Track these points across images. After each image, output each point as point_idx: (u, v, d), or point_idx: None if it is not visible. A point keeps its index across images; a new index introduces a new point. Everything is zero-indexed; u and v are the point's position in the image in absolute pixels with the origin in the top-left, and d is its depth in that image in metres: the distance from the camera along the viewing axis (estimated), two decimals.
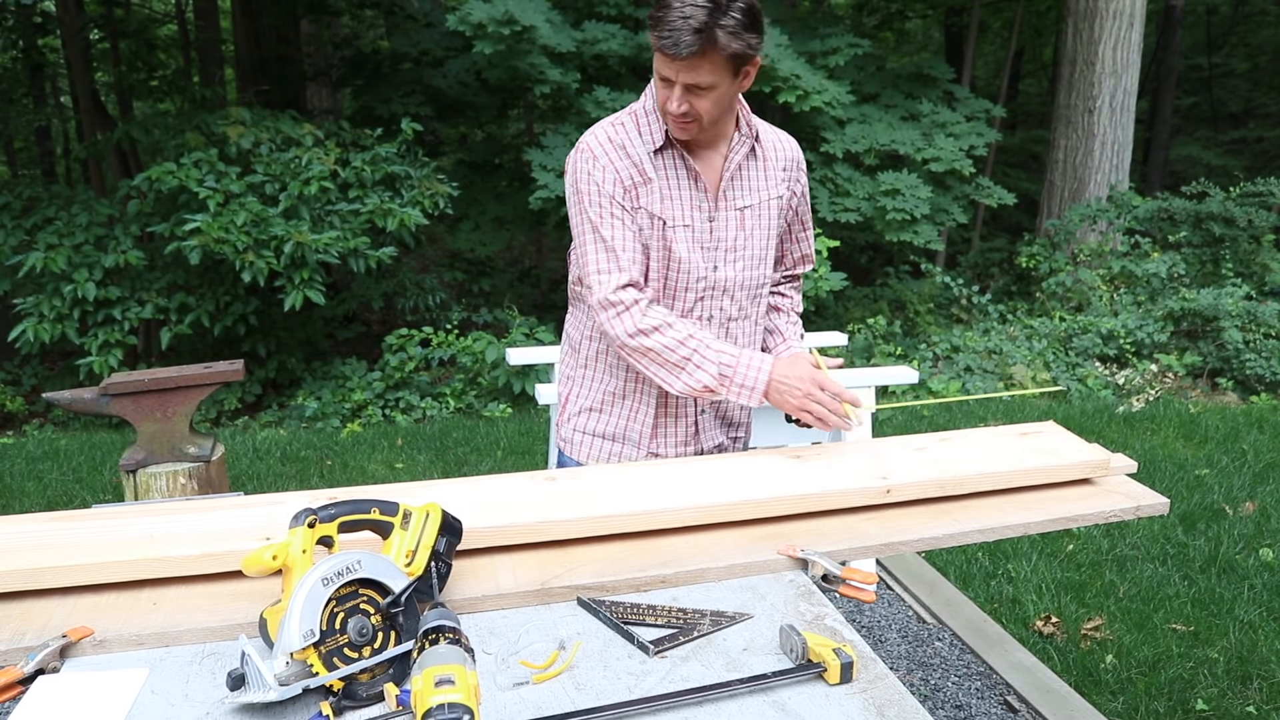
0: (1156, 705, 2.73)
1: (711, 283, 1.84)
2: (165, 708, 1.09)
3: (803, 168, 1.96)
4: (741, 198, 1.85)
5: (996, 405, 6.47)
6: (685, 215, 1.79)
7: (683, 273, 1.81)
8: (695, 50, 1.58)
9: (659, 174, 1.78)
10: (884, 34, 14.13)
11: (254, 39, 9.81)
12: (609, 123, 1.81)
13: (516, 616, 1.31)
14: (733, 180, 1.84)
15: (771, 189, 1.88)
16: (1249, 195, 8.53)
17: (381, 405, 6.73)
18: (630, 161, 1.77)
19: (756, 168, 1.87)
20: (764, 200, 1.87)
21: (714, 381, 1.72)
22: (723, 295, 1.86)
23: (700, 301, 1.84)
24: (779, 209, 1.90)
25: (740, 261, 1.85)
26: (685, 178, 1.80)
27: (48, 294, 6.14)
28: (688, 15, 1.57)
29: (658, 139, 1.77)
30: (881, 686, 1.13)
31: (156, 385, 2.46)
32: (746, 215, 1.85)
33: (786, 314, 2.07)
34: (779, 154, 1.90)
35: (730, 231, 1.83)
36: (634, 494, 1.58)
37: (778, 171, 1.89)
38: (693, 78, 1.63)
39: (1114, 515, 1.64)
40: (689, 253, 1.80)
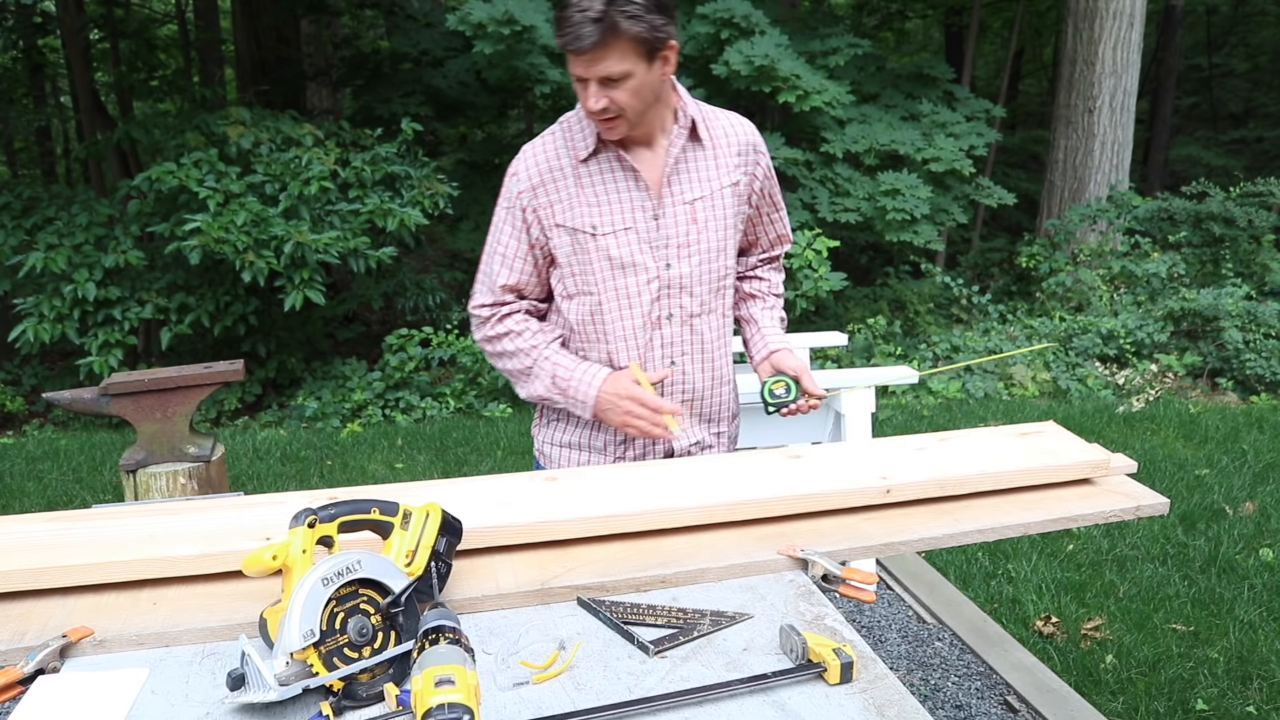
0: (1156, 705, 2.73)
1: (666, 281, 1.81)
2: (165, 708, 1.09)
3: (761, 149, 1.90)
4: (689, 190, 1.80)
5: (996, 405, 6.47)
6: (625, 218, 1.77)
7: (630, 277, 1.79)
8: (597, 40, 1.57)
9: (591, 181, 1.76)
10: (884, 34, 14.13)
11: (254, 39, 9.81)
12: (540, 137, 1.82)
13: (516, 616, 1.31)
14: (676, 173, 1.79)
15: (724, 177, 1.83)
16: (1249, 195, 8.53)
17: (381, 405, 6.74)
18: (552, 178, 1.77)
19: (704, 157, 1.82)
20: (716, 190, 1.82)
21: (551, 392, 1.80)
22: (680, 292, 1.82)
23: (656, 301, 1.81)
24: (735, 196, 1.85)
25: (696, 256, 1.82)
26: (623, 179, 1.77)
27: (48, 294, 6.14)
28: (585, 8, 1.56)
29: (589, 145, 1.75)
30: (881, 686, 1.13)
31: (156, 385, 2.46)
32: (697, 207, 1.81)
33: (763, 299, 2.03)
34: (731, 139, 1.85)
35: (680, 227, 1.80)
36: (634, 494, 1.58)
37: (730, 158, 1.84)
38: (603, 69, 1.61)
39: (1114, 515, 1.64)
40: (634, 256, 1.78)
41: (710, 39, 7.13)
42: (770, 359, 1.94)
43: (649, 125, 1.76)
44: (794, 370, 1.89)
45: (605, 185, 1.77)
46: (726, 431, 2.02)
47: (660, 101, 1.74)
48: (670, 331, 1.84)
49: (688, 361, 1.87)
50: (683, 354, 1.87)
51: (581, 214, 1.76)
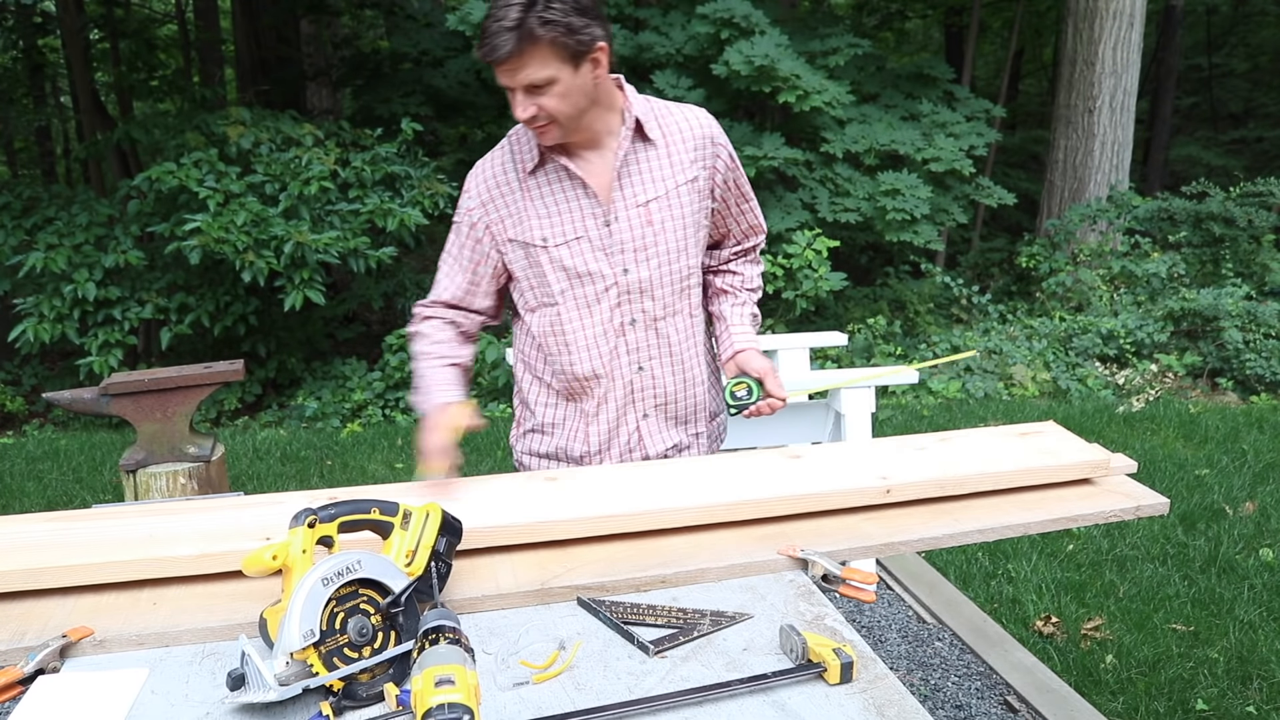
0: (1156, 705, 2.73)
1: (625, 287, 1.77)
2: (165, 708, 1.09)
3: (720, 141, 1.83)
4: (642, 191, 1.75)
5: (996, 405, 6.47)
6: (576, 226, 1.74)
7: (588, 285, 1.76)
8: (512, 48, 1.55)
9: (540, 193, 1.75)
10: (884, 34, 14.13)
11: (254, 39, 9.81)
12: (490, 153, 1.82)
13: (516, 616, 1.31)
14: (627, 175, 1.75)
15: (679, 174, 1.78)
16: (1249, 195, 8.53)
17: (381, 405, 6.74)
18: (500, 193, 1.77)
19: (656, 156, 1.77)
20: (671, 189, 1.77)
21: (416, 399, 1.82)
22: (642, 297, 1.79)
23: (617, 308, 1.78)
24: (694, 193, 1.79)
25: (654, 259, 1.77)
26: (570, 188, 1.74)
27: (48, 294, 6.14)
28: (500, 18, 1.55)
29: (534, 156, 1.74)
30: (881, 686, 1.13)
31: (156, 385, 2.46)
32: (652, 209, 1.76)
33: (734, 295, 1.98)
34: (686, 134, 1.79)
35: (634, 230, 1.75)
36: (634, 494, 1.58)
37: (685, 154, 1.78)
38: (525, 77, 1.58)
39: (1114, 515, 1.64)
40: (590, 263, 1.75)
41: (710, 39, 7.13)
42: (735, 359, 1.90)
43: (590, 129, 1.72)
44: (758, 371, 1.85)
45: (554, 196, 1.75)
46: (705, 432, 1.97)
47: (599, 104, 1.71)
48: (635, 337, 1.81)
49: (656, 365, 1.84)
50: (650, 358, 1.83)
51: (531, 227, 1.75)
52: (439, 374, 1.81)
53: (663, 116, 1.79)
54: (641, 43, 7.36)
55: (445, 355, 1.84)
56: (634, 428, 1.87)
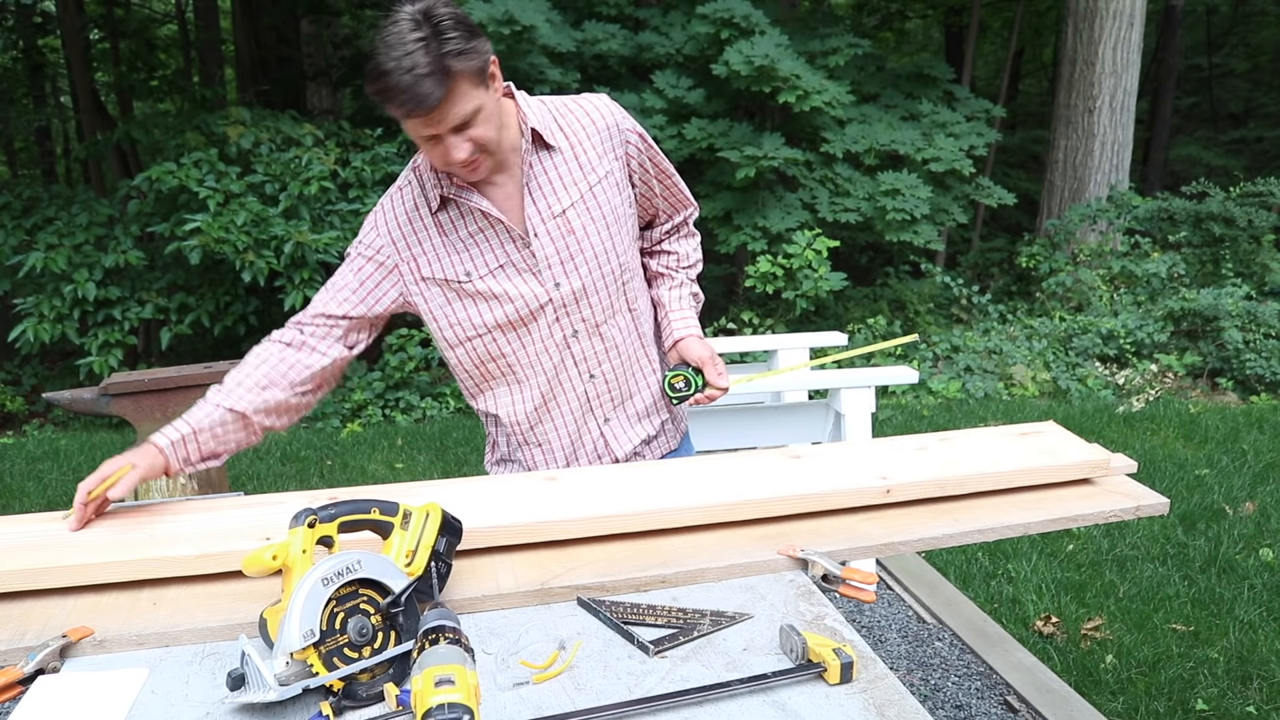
0: (1156, 705, 2.73)
1: (559, 302, 1.71)
2: (165, 708, 1.09)
3: (626, 126, 1.74)
4: (556, 201, 1.68)
5: (996, 405, 6.47)
6: (497, 255, 1.68)
7: (521, 308, 1.70)
8: (441, 94, 1.45)
9: (452, 228, 1.68)
10: (884, 34, 14.14)
11: (254, 39, 9.82)
12: (397, 190, 1.73)
13: (516, 616, 1.31)
14: (537, 190, 1.68)
15: (591, 174, 1.70)
16: (1249, 195, 8.54)
17: (381, 405, 6.74)
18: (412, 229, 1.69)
19: (563, 161, 1.69)
20: (585, 191, 1.70)
21: None
22: (579, 306, 1.73)
23: (556, 323, 1.73)
24: (612, 187, 1.72)
25: (584, 266, 1.71)
26: (478, 219, 1.67)
27: (48, 294, 6.15)
28: (410, 67, 1.42)
29: (438, 194, 1.66)
30: (881, 686, 1.13)
31: (156, 385, 2.46)
32: (570, 216, 1.69)
33: (669, 277, 1.89)
34: (589, 129, 1.71)
35: (556, 243, 1.68)
36: (634, 494, 1.58)
37: (592, 150, 1.70)
38: (454, 116, 1.49)
39: (1114, 515, 1.64)
40: (519, 287, 1.69)
41: (710, 39, 7.13)
42: (677, 347, 1.83)
43: (504, 151, 1.64)
44: (698, 359, 1.79)
45: (466, 229, 1.68)
46: (670, 418, 1.93)
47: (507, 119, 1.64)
48: (580, 347, 1.76)
49: (607, 370, 1.80)
50: (600, 365, 1.79)
51: (451, 264, 1.68)
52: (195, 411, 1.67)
53: (561, 116, 1.71)
54: (641, 43, 7.36)
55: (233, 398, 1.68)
56: (597, 434, 1.84)
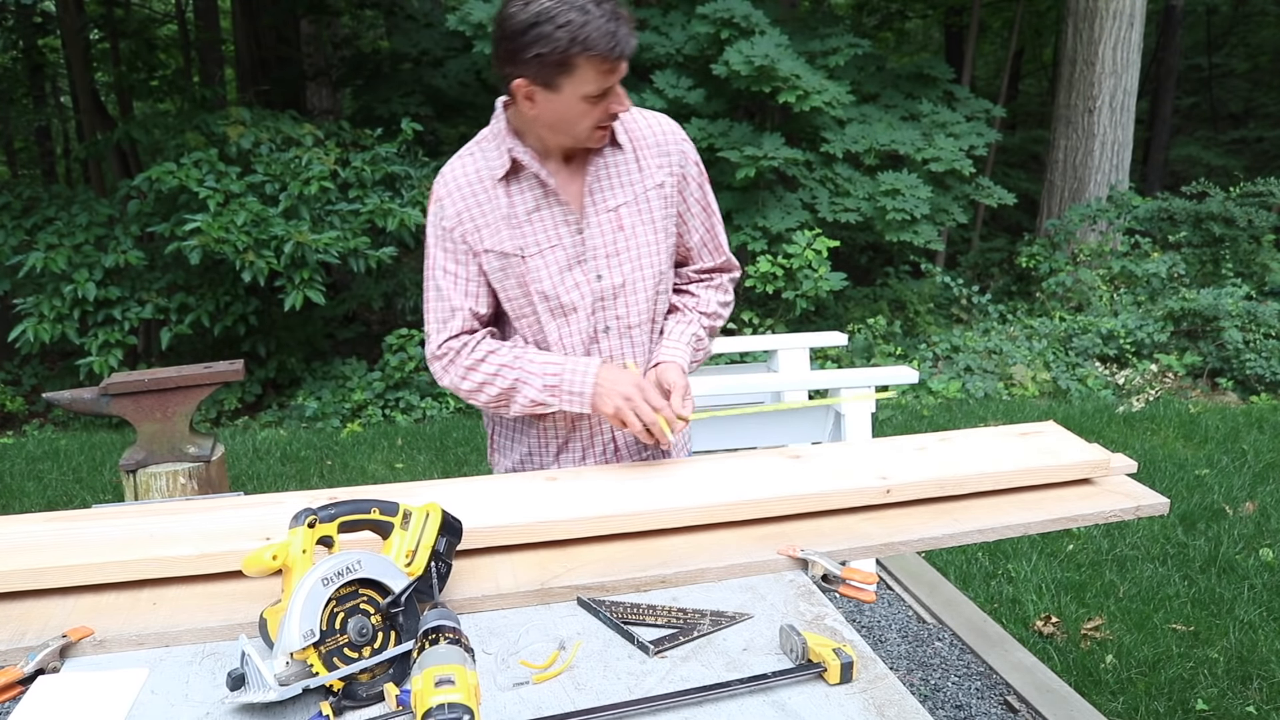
0: (1156, 705, 2.73)
1: (599, 293, 1.74)
2: (165, 708, 1.09)
3: (688, 150, 1.81)
4: (614, 196, 1.73)
5: (996, 405, 6.47)
6: (550, 235, 1.71)
7: (564, 293, 1.73)
8: (635, 43, 1.54)
9: (512, 201, 1.70)
10: (884, 34, 14.13)
11: (254, 39, 9.81)
12: (460, 157, 1.75)
13: (516, 616, 1.31)
14: (598, 181, 1.72)
15: (648, 179, 1.75)
16: (1249, 195, 8.53)
17: (381, 405, 6.74)
18: (477, 201, 1.71)
19: (625, 161, 1.74)
20: (640, 193, 1.75)
21: (543, 395, 1.70)
22: (615, 302, 1.76)
23: (592, 315, 1.76)
24: (662, 199, 1.77)
25: (627, 264, 1.75)
26: (543, 196, 1.70)
27: (48, 294, 6.14)
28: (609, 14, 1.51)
29: (505, 164, 1.69)
30: (881, 686, 1.13)
31: (156, 385, 2.46)
32: (622, 214, 1.73)
33: (683, 313, 1.87)
34: (651, 140, 1.77)
35: (606, 235, 1.73)
36: (634, 494, 1.58)
37: (652, 159, 1.76)
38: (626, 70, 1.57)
39: (1114, 515, 1.64)
40: (564, 272, 1.72)
41: (710, 39, 7.13)
42: (656, 370, 1.80)
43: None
44: (668, 385, 1.74)
45: (526, 205, 1.70)
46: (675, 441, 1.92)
47: None
48: (609, 344, 1.78)
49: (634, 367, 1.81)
50: (623, 366, 1.80)
51: (508, 237, 1.70)
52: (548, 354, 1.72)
53: (629, 121, 1.76)
54: (641, 43, 7.35)
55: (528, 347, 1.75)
56: (610, 437, 1.85)
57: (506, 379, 1.72)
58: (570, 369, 1.70)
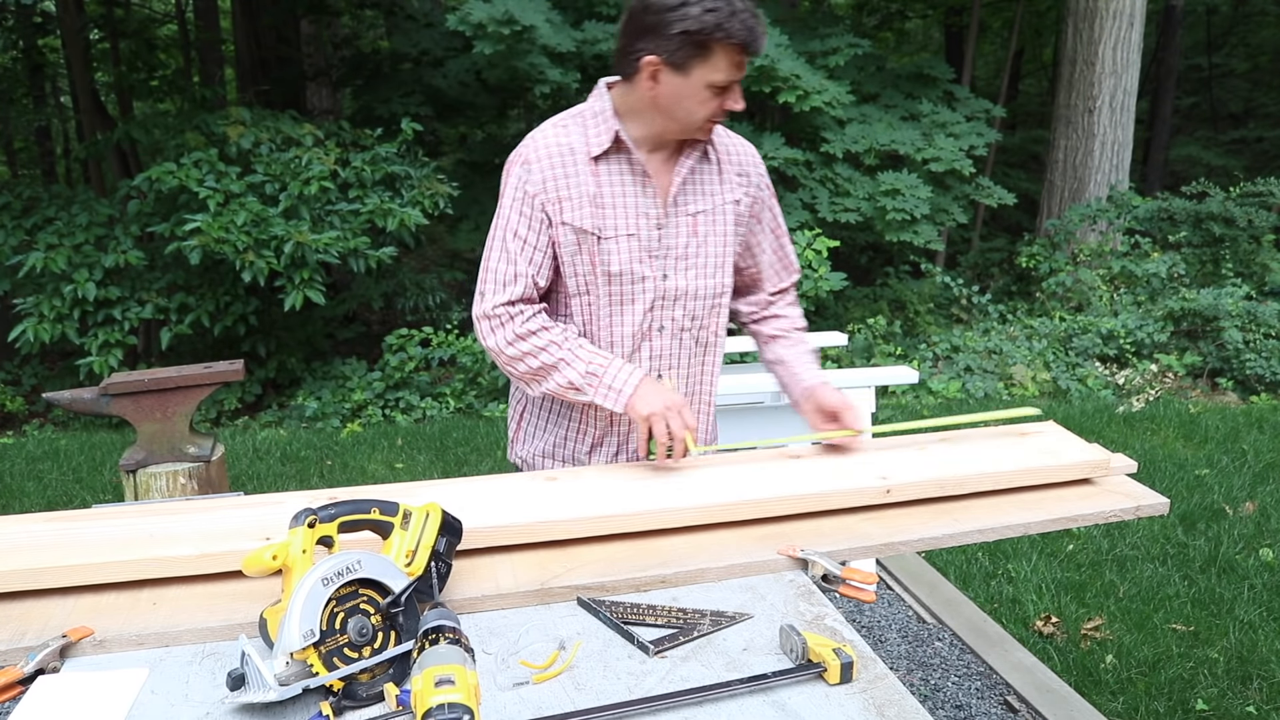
0: (1156, 705, 2.73)
1: (661, 292, 1.77)
2: (165, 708, 1.09)
3: (762, 173, 1.88)
4: (695, 203, 1.78)
5: (996, 405, 6.47)
6: (630, 224, 1.73)
7: (628, 284, 1.75)
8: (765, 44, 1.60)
9: (599, 181, 1.72)
10: (884, 34, 14.13)
11: (254, 39, 9.81)
12: (554, 125, 1.75)
13: (516, 616, 1.31)
14: (685, 185, 1.77)
15: (727, 194, 1.81)
16: (1249, 195, 8.53)
17: (381, 405, 6.73)
18: (564, 172, 1.71)
19: (710, 171, 1.80)
20: (719, 205, 1.80)
21: (582, 380, 1.70)
22: (674, 304, 1.79)
23: (650, 312, 1.78)
24: (735, 215, 1.83)
25: (693, 270, 1.79)
26: (633, 183, 1.73)
27: (48, 294, 6.14)
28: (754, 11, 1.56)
29: (605, 142, 1.70)
30: (881, 686, 1.13)
31: (156, 385, 2.46)
32: (700, 221, 1.78)
33: (786, 337, 1.95)
34: (735, 158, 1.84)
35: (681, 238, 1.77)
36: (634, 494, 1.58)
37: (733, 176, 1.82)
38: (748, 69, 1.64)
39: (1114, 515, 1.64)
40: (634, 263, 1.74)
41: None
42: (813, 393, 1.83)
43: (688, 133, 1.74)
44: (834, 406, 1.78)
45: (614, 187, 1.72)
46: None
47: None
48: (660, 344, 1.81)
49: (670, 376, 1.84)
50: (670, 368, 1.83)
51: (589, 214, 1.71)
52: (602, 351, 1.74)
53: (719, 136, 1.82)
54: None
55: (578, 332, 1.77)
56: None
57: (552, 356, 1.72)
58: (616, 366, 1.71)
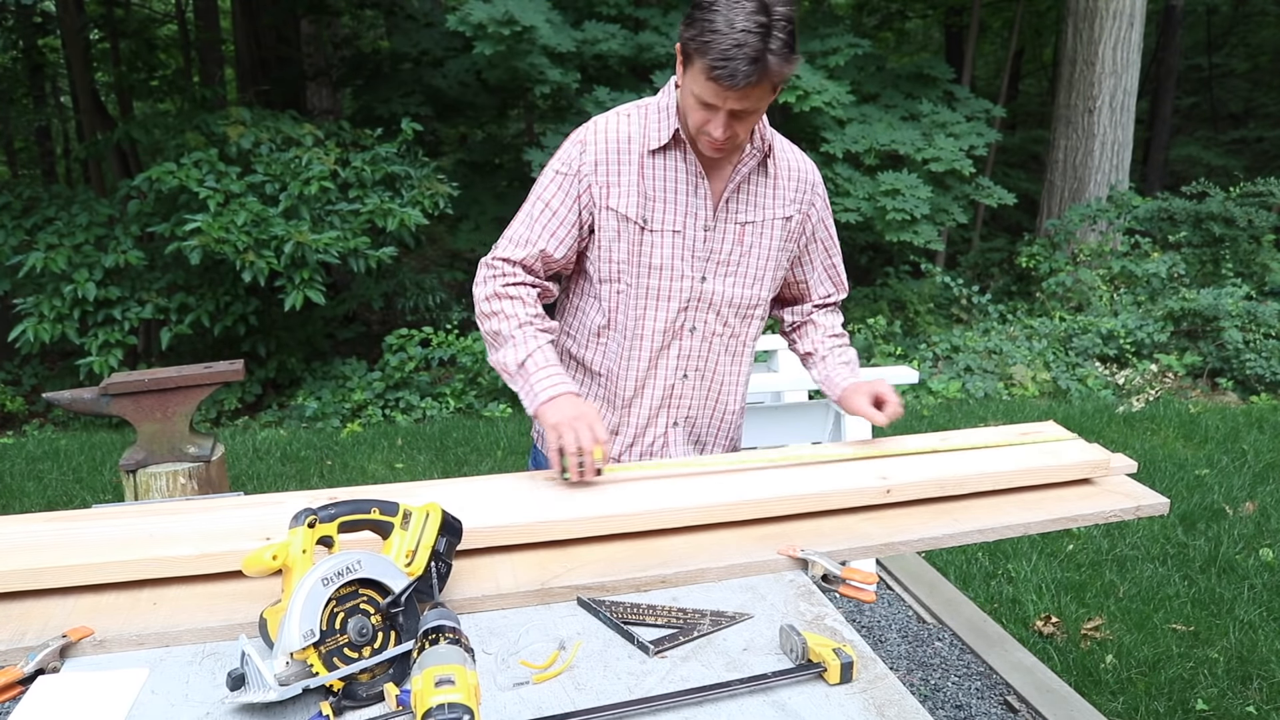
0: (1156, 705, 2.73)
1: (698, 294, 1.78)
2: (165, 708, 1.09)
3: (820, 190, 1.88)
4: (745, 212, 1.78)
5: (996, 405, 6.47)
6: (677, 220, 1.74)
7: (665, 279, 1.76)
8: (752, 80, 1.52)
9: (654, 174, 1.73)
10: (884, 34, 14.13)
11: (254, 39, 9.81)
12: (618, 114, 1.77)
13: (516, 616, 1.31)
14: (737, 193, 1.77)
15: (779, 208, 1.81)
16: (1249, 195, 8.53)
17: (381, 405, 6.73)
18: (619, 159, 1.72)
19: (765, 184, 1.80)
20: (769, 219, 1.80)
21: (514, 366, 1.70)
22: (708, 309, 1.80)
23: (683, 312, 1.79)
24: (785, 230, 1.83)
25: (732, 278, 1.80)
26: (685, 182, 1.74)
27: (48, 294, 6.14)
28: (741, 43, 1.49)
29: (664, 137, 1.71)
30: (881, 686, 1.13)
31: (156, 385, 2.46)
32: (747, 231, 1.79)
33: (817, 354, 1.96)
34: (793, 173, 1.83)
35: (726, 245, 1.78)
36: (634, 494, 1.58)
37: (789, 191, 1.82)
38: (741, 105, 1.57)
39: (1114, 515, 1.64)
40: (674, 260, 1.75)
41: None
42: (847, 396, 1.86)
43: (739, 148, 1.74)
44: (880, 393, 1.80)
45: (668, 182, 1.73)
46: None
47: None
48: (689, 345, 1.82)
49: (698, 378, 1.85)
50: (696, 369, 1.84)
51: (638, 204, 1.72)
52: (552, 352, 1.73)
53: (779, 149, 1.82)
54: (642, 43, 7.35)
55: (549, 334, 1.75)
56: (662, 431, 1.88)
57: (508, 329, 1.72)
58: (549, 372, 1.69)
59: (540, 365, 1.69)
